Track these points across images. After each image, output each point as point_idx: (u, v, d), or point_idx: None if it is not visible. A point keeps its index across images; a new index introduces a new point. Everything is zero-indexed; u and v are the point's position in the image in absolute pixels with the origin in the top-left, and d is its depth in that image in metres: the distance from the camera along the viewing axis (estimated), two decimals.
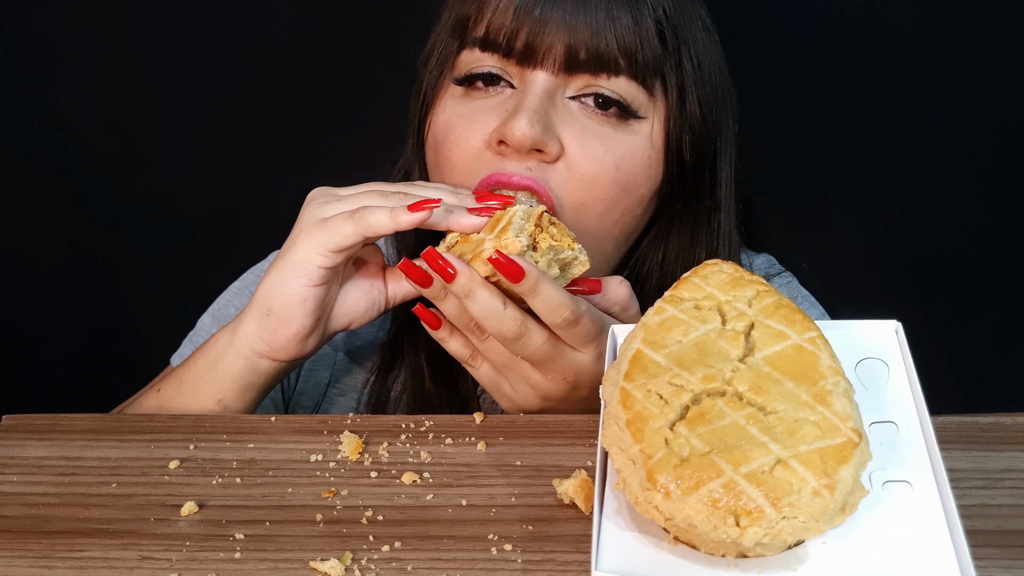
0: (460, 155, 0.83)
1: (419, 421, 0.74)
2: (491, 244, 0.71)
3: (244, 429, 0.74)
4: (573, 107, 0.82)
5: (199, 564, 0.62)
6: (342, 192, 0.79)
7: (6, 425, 0.75)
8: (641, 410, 0.58)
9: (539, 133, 0.79)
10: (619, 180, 0.83)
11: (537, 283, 0.69)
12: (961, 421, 0.70)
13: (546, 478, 0.68)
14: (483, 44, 0.83)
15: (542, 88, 0.81)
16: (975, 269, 1.31)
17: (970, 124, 1.24)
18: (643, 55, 0.81)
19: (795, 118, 1.27)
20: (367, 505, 0.67)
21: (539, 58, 0.80)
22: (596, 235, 0.84)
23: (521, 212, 0.73)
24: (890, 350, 0.67)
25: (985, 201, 1.28)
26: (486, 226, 0.76)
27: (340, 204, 0.77)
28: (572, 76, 0.81)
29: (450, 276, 0.70)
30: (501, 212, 0.76)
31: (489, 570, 0.61)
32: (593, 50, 0.80)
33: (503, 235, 0.71)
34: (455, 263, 0.71)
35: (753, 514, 0.53)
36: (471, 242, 0.75)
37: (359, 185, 0.80)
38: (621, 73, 0.81)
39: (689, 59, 0.84)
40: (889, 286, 1.32)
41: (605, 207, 0.83)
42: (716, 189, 0.90)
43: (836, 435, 0.55)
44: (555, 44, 0.80)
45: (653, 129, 0.84)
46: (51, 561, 0.63)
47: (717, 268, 0.66)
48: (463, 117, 0.84)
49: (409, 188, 0.79)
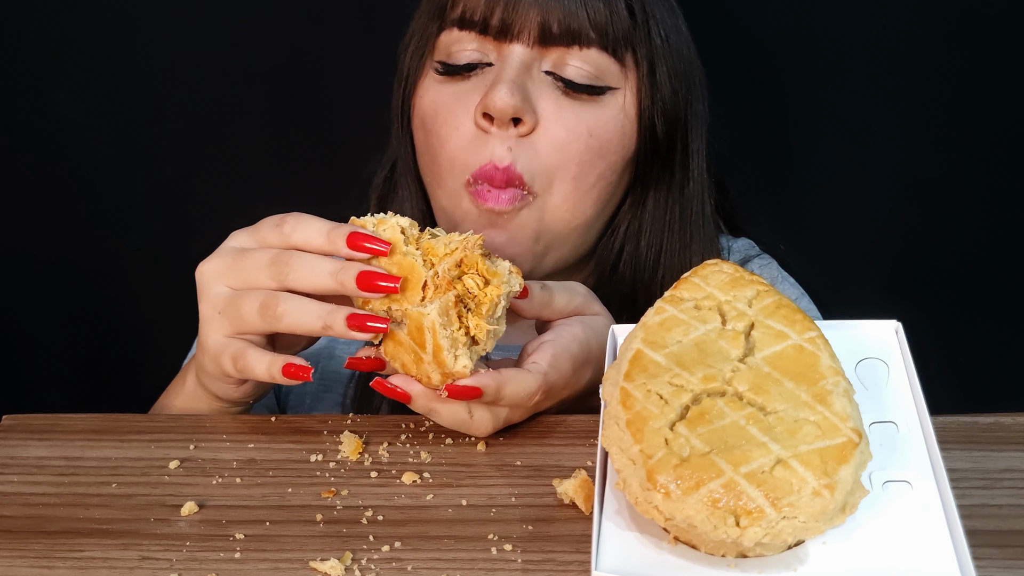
0: (452, 137, 0.86)
1: (419, 421, 0.74)
2: (436, 375, 0.68)
3: (244, 429, 0.74)
4: (548, 80, 0.86)
5: (199, 564, 0.62)
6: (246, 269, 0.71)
7: (6, 425, 0.75)
8: (641, 410, 0.58)
9: (519, 101, 0.83)
10: (592, 146, 0.86)
11: (499, 392, 0.68)
12: (961, 421, 0.70)
13: (546, 478, 0.68)
14: (460, 23, 0.86)
15: (519, 61, 0.85)
16: (975, 269, 1.31)
17: (970, 123, 1.24)
18: (613, 28, 0.85)
19: (795, 118, 1.27)
20: (367, 505, 0.67)
21: (514, 32, 0.84)
22: (573, 199, 0.87)
23: (437, 320, 0.66)
24: (890, 350, 0.67)
25: (985, 201, 1.28)
26: (405, 285, 0.68)
27: (245, 300, 0.70)
28: (547, 49, 0.85)
29: (407, 398, 0.69)
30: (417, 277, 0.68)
31: (489, 570, 0.61)
32: (565, 23, 0.84)
33: (439, 354, 0.66)
34: (404, 386, 0.69)
35: (753, 514, 0.53)
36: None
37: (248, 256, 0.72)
38: (592, 45, 0.85)
39: (658, 33, 0.89)
40: (889, 286, 1.32)
41: (579, 170, 0.86)
42: (689, 161, 0.94)
43: (836, 435, 0.55)
44: (529, 19, 0.84)
45: (626, 99, 0.88)
46: (51, 561, 0.63)
47: (717, 268, 0.66)
48: (449, 97, 0.87)
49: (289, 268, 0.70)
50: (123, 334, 1.42)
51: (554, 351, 0.72)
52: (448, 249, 0.69)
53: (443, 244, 0.69)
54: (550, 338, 0.74)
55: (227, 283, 0.72)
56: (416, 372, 0.69)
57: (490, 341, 0.69)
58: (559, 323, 0.75)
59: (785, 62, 1.24)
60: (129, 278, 1.39)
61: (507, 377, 0.69)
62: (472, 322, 0.68)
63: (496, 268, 0.69)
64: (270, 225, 0.72)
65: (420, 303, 0.68)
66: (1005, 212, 1.28)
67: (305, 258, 0.70)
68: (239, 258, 0.72)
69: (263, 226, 0.73)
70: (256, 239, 0.73)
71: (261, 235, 0.73)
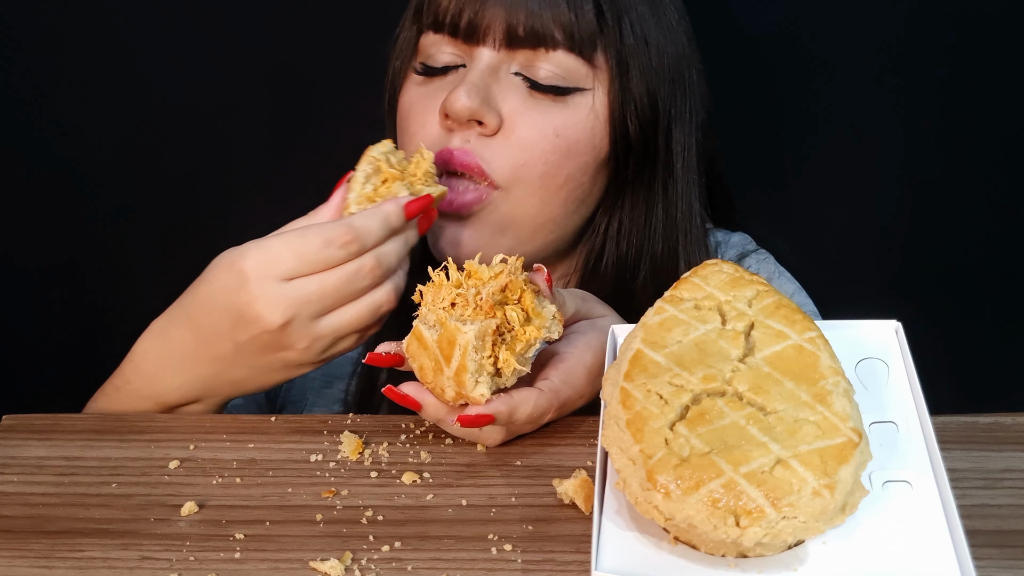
0: (418, 135, 0.87)
1: (419, 421, 0.74)
2: (451, 391, 0.67)
3: (244, 429, 0.74)
4: (516, 81, 0.86)
5: (199, 564, 0.62)
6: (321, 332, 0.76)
7: (6, 425, 0.75)
8: (641, 410, 0.58)
9: (476, 104, 0.83)
10: (559, 146, 0.86)
11: (510, 417, 0.68)
12: (961, 421, 0.70)
13: (546, 478, 0.68)
14: (434, 26, 0.87)
15: (485, 64, 0.86)
16: (975, 269, 1.31)
17: (971, 123, 1.24)
18: (579, 29, 0.85)
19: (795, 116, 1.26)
20: (367, 505, 0.67)
21: (481, 35, 0.85)
22: (540, 196, 0.87)
23: (472, 342, 0.66)
24: (890, 350, 0.67)
25: (985, 201, 1.28)
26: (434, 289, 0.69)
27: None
28: (514, 51, 0.86)
29: (418, 408, 0.70)
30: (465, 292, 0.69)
31: (489, 570, 0.61)
32: (530, 26, 0.84)
33: (462, 374, 0.66)
34: (416, 396, 0.69)
35: (753, 514, 0.53)
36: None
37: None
38: (559, 47, 0.85)
39: (631, 33, 0.87)
40: (889, 286, 1.32)
41: (545, 170, 0.86)
42: (672, 160, 0.92)
43: (836, 435, 0.55)
44: (495, 22, 0.84)
45: (596, 100, 0.87)
46: (51, 561, 0.63)
47: (717, 268, 0.66)
48: (421, 98, 0.89)
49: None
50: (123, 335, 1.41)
51: (567, 365, 0.72)
52: (492, 272, 0.69)
53: (486, 268, 0.69)
54: (563, 350, 0.73)
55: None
56: (432, 380, 0.68)
57: (512, 378, 0.68)
58: (570, 332, 0.75)
59: (785, 59, 1.23)
60: (128, 278, 1.39)
61: (519, 400, 0.68)
62: (503, 355, 0.68)
63: (542, 310, 0.69)
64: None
65: (459, 317, 0.67)
66: (1005, 212, 1.28)
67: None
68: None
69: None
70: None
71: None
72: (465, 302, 0.67)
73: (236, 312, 0.74)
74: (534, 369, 0.71)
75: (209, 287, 0.76)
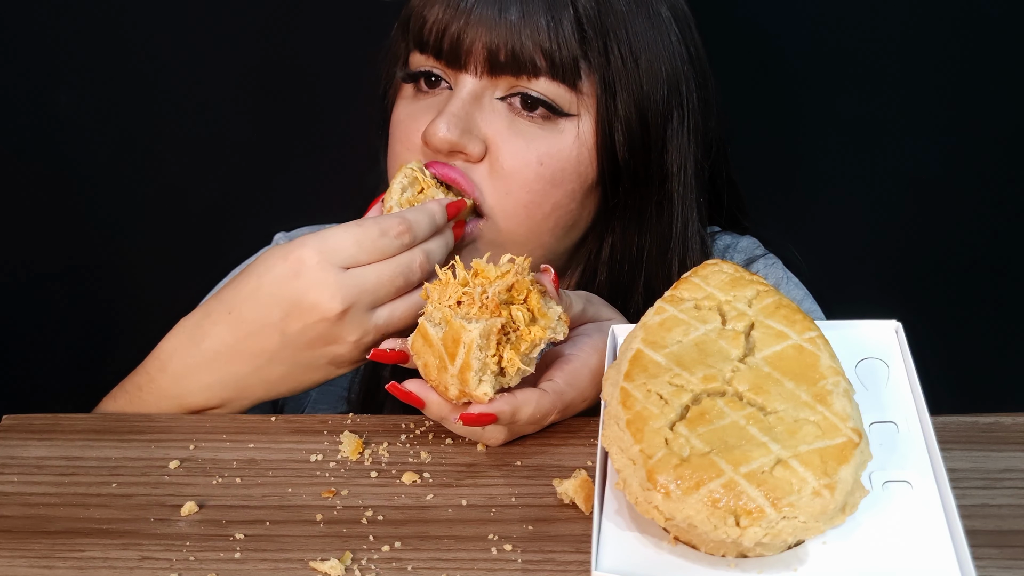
0: (402, 155, 0.87)
1: (419, 421, 0.74)
2: (455, 389, 0.67)
3: (244, 429, 0.74)
4: (500, 108, 0.84)
5: (199, 564, 0.62)
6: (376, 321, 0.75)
7: (6, 425, 0.75)
8: (641, 410, 0.58)
9: (455, 136, 0.82)
10: (543, 175, 0.84)
11: (513, 417, 0.68)
12: (961, 421, 0.70)
13: (546, 478, 0.68)
14: (419, 46, 0.86)
15: (468, 91, 0.84)
16: (975, 269, 1.31)
17: (971, 123, 1.24)
18: (561, 55, 0.82)
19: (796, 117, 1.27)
20: (367, 505, 0.67)
21: (463, 61, 0.83)
22: (527, 225, 0.85)
23: (477, 340, 0.66)
24: (890, 350, 0.67)
25: (985, 201, 1.28)
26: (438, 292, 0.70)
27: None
28: (496, 78, 0.84)
29: (422, 405, 0.70)
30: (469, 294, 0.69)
31: (489, 570, 0.61)
32: (511, 53, 0.82)
33: (466, 372, 0.67)
34: (420, 393, 0.69)
35: (753, 514, 0.53)
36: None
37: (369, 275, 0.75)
38: (541, 74, 0.83)
39: (619, 55, 0.84)
40: (889, 286, 1.32)
41: (530, 199, 0.84)
42: (666, 183, 0.89)
43: (836, 435, 0.55)
44: (476, 48, 0.82)
45: (582, 126, 0.85)
46: (51, 561, 0.63)
47: (717, 268, 0.66)
48: (408, 116, 0.87)
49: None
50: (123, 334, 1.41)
51: (572, 367, 0.72)
52: (499, 271, 0.69)
53: (493, 268, 0.69)
54: (568, 351, 0.73)
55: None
56: (435, 378, 0.68)
57: (516, 378, 0.68)
58: (576, 334, 0.74)
59: (787, 62, 1.24)
60: (129, 278, 1.39)
61: (523, 400, 0.68)
62: (507, 354, 0.68)
63: (547, 310, 0.69)
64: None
65: (465, 316, 0.67)
66: (1005, 212, 1.28)
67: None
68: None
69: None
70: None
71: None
72: (471, 300, 0.67)
73: (291, 301, 0.73)
74: (539, 370, 0.71)
75: (259, 279, 0.74)
